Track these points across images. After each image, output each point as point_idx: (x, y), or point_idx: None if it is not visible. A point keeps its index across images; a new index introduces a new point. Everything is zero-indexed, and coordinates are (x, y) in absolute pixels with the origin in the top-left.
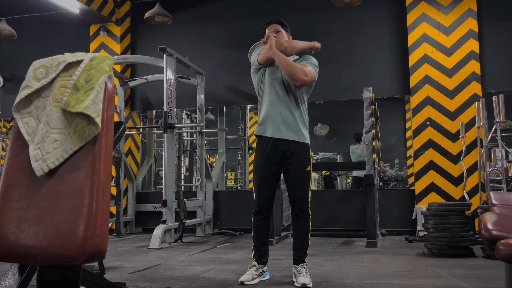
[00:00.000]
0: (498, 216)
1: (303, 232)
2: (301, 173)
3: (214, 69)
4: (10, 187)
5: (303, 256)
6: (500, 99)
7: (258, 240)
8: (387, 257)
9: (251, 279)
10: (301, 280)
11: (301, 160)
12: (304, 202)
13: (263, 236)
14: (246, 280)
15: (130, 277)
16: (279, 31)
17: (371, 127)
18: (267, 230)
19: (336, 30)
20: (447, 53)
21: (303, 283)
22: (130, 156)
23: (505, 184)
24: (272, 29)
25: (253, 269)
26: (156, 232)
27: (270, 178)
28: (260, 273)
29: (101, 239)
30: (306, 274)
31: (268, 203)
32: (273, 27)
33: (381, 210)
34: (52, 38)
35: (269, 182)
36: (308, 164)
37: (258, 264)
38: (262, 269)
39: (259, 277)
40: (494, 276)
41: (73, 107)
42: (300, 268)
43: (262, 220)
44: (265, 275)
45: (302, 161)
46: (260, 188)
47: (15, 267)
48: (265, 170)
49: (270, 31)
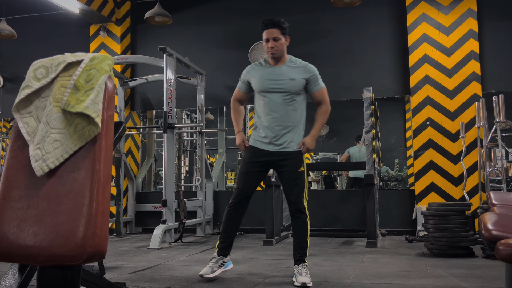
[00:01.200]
0: (498, 216)
1: (302, 232)
2: (295, 174)
3: (214, 69)
4: (10, 187)
5: (303, 256)
6: (500, 99)
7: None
8: (387, 257)
9: (211, 271)
10: (301, 279)
11: (295, 161)
12: (299, 202)
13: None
14: (206, 273)
15: (130, 277)
16: (277, 38)
17: (371, 127)
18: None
19: (336, 30)
20: (447, 53)
21: (303, 282)
22: (130, 156)
23: (505, 184)
24: (271, 36)
25: (212, 261)
26: (156, 232)
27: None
28: (220, 264)
29: (101, 239)
30: (306, 274)
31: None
32: (271, 34)
33: (381, 210)
34: (52, 38)
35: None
36: (302, 164)
37: (218, 255)
38: (223, 260)
39: (220, 268)
40: (494, 276)
41: (73, 107)
42: (300, 268)
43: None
44: (227, 265)
45: (295, 163)
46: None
47: (15, 267)
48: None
49: (269, 37)
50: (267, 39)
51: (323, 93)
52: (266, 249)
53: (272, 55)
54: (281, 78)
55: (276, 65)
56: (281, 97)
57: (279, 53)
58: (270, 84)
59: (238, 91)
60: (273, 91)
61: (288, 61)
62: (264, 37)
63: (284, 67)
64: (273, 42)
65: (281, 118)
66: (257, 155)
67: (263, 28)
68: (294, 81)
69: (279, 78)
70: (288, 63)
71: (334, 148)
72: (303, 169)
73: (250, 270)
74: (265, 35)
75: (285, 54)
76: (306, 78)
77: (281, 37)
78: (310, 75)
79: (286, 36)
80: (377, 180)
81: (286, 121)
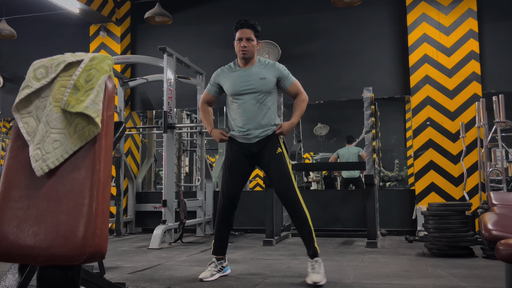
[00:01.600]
0: (498, 216)
1: (302, 226)
2: (274, 157)
3: (214, 69)
4: (10, 187)
5: (313, 251)
6: (500, 99)
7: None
8: (387, 257)
9: (210, 275)
10: (312, 277)
11: (272, 144)
12: (289, 190)
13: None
14: (205, 277)
15: (130, 277)
16: (251, 39)
17: (371, 127)
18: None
19: (336, 30)
20: (447, 53)
21: (314, 281)
22: (130, 156)
23: (505, 184)
24: (245, 35)
25: (212, 266)
26: (156, 232)
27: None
28: (219, 269)
29: (101, 239)
30: (319, 270)
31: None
32: (245, 34)
33: (381, 210)
34: (52, 38)
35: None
36: (278, 145)
37: (218, 260)
38: (222, 264)
39: (219, 272)
40: (494, 276)
41: (73, 107)
42: (314, 263)
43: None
44: (226, 270)
45: (272, 145)
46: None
47: (15, 267)
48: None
49: (243, 37)
50: (240, 38)
51: (296, 86)
52: (266, 249)
53: (243, 55)
54: (251, 79)
55: (245, 67)
56: (254, 98)
57: (250, 54)
58: (242, 86)
59: (207, 94)
60: (246, 93)
61: (257, 62)
62: (238, 36)
63: (254, 68)
64: (246, 42)
65: (255, 118)
66: (237, 151)
67: (237, 27)
68: (264, 80)
69: (250, 79)
70: (257, 64)
71: (334, 148)
72: (280, 151)
73: (250, 270)
74: (239, 35)
75: (255, 56)
76: (277, 76)
77: (254, 38)
78: (279, 72)
79: (259, 40)
80: (377, 180)
81: (261, 121)
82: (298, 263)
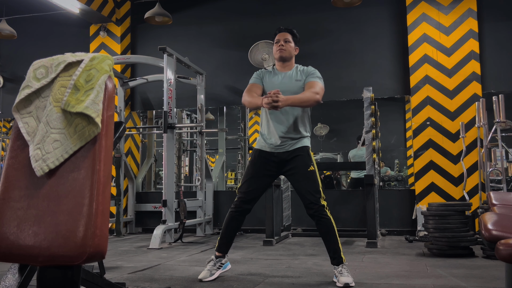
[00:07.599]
0: (498, 216)
1: (329, 232)
2: (306, 167)
3: (214, 69)
4: (10, 187)
5: (339, 258)
6: (500, 99)
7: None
8: (387, 257)
9: (210, 275)
10: (343, 280)
11: (304, 157)
12: (317, 196)
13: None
14: (205, 277)
15: (130, 277)
16: (288, 41)
17: (371, 127)
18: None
19: (336, 30)
20: (447, 53)
21: (346, 283)
22: (130, 156)
23: (505, 184)
24: (282, 37)
25: (210, 264)
26: (156, 232)
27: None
28: (218, 266)
29: (101, 239)
30: (348, 274)
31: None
32: (283, 36)
33: (381, 210)
34: (52, 38)
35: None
36: (311, 162)
37: (216, 258)
38: (221, 262)
39: (219, 270)
40: (494, 276)
41: (73, 107)
42: (340, 268)
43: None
44: (225, 266)
45: (304, 158)
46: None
47: (15, 267)
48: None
49: (280, 38)
50: (278, 40)
51: (315, 83)
52: (266, 249)
53: (280, 53)
54: (287, 81)
55: (284, 70)
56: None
57: (287, 53)
58: (279, 88)
59: (252, 84)
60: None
61: (294, 68)
62: (276, 39)
63: (291, 72)
64: (283, 42)
65: (289, 122)
66: (264, 158)
67: (276, 33)
68: (299, 82)
69: (286, 82)
70: (294, 69)
71: (334, 148)
72: (313, 168)
73: (250, 270)
74: (277, 37)
75: (293, 61)
76: (306, 75)
77: (292, 41)
78: (308, 72)
79: (297, 46)
80: (377, 180)
81: (294, 124)
82: (298, 263)
